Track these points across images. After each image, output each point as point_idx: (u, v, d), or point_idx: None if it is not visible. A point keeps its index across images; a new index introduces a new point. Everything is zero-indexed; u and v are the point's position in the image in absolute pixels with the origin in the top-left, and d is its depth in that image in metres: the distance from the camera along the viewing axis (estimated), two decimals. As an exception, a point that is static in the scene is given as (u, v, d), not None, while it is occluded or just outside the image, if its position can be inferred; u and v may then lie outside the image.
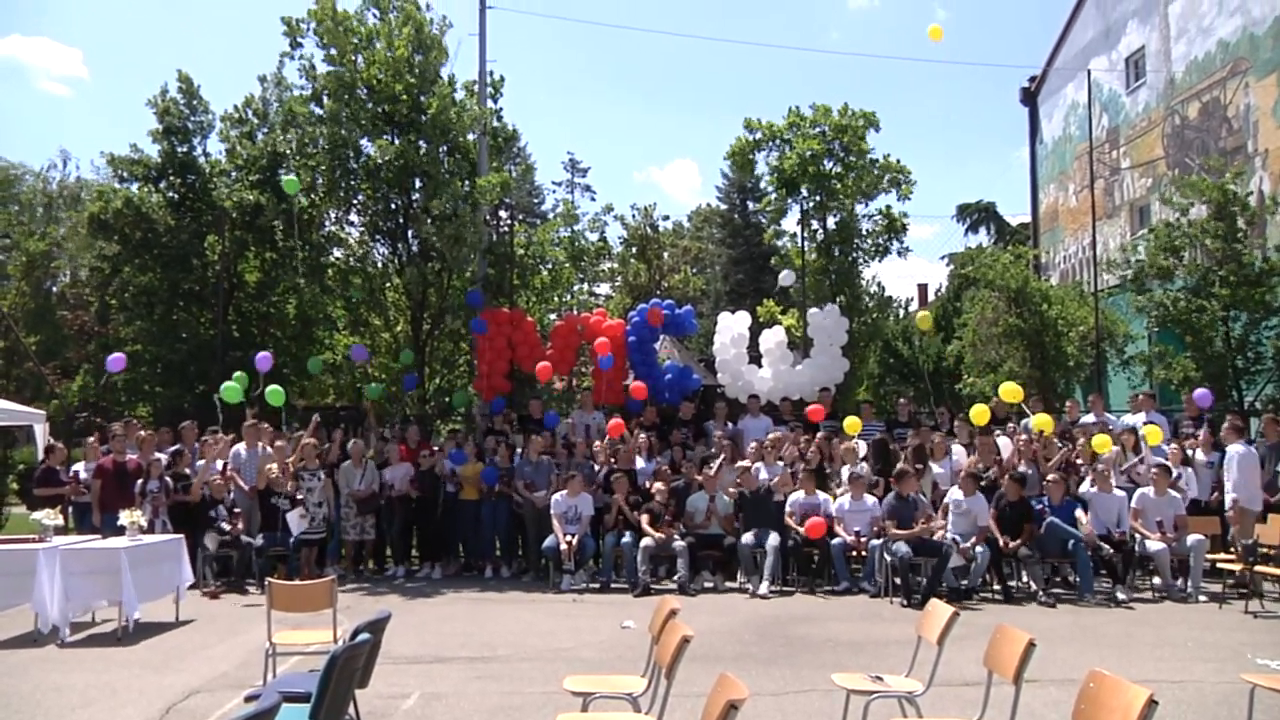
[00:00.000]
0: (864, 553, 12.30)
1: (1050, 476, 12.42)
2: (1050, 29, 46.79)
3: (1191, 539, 11.79)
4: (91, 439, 14.24)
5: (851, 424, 14.45)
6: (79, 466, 13.48)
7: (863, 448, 13.93)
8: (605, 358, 15.76)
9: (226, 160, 18.84)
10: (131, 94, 73.57)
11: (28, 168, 41.58)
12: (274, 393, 14.81)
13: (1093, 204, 22.48)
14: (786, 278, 18.37)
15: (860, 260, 19.22)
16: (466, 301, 17.11)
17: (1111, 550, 11.75)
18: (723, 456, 13.70)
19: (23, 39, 70.13)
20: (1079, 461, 13.18)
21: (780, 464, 13.52)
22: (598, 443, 14.47)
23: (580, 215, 19.69)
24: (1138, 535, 12.01)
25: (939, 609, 5.91)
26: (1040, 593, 11.55)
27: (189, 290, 18.50)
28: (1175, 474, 12.71)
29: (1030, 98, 28.95)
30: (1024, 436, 13.75)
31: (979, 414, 14.32)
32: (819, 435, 14.47)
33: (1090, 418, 14.65)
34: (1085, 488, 12.61)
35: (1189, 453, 13.32)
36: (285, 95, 18.50)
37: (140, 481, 12.69)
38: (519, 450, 14.32)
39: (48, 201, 40.19)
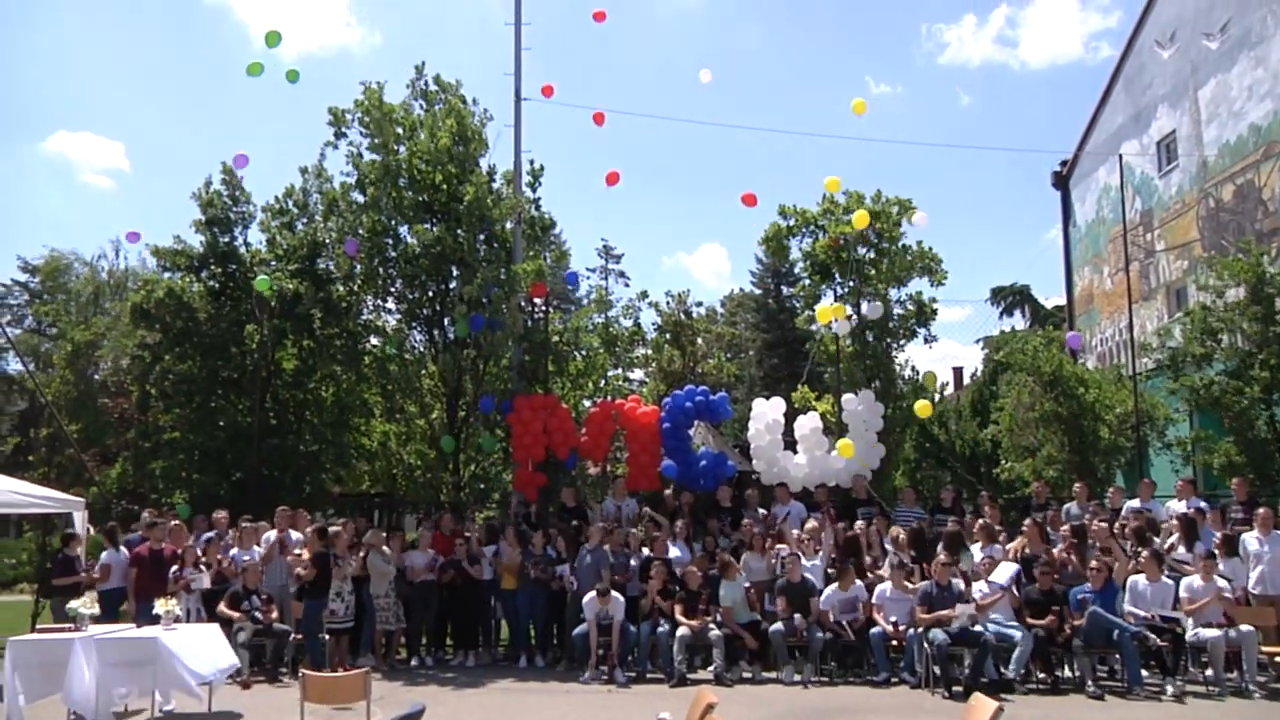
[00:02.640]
0: (903, 642, 12.07)
1: (1092, 564, 12.15)
2: (1078, 112, 47.24)
3: (1242, 629, 11.45)
4: (106, 527, 14.35)
5: (923, 407, 17.01)
6: (105, 554, 13.58)
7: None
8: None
9: (267, 250, 19.18)
10: (168, 183, 75.78)
11: (79, 255, 42.61)
12: (261, 281, 16.81)
13: (1128, 287, 22.42)
14: None
15: (893, 346, 19.21)
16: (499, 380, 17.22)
17: (1160, 640, 11.43)
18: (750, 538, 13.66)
19: (69, 135, 72.88)
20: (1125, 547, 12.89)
21: (819, 557, 13.38)
22: (633, 531, 14.38)
23: (614, 301, 19.88)
24: (1188, 625, 11.68)
25: (982, 703, 5.77)
26: (1089, 683, 11.23)
27: (227, 378, 18.72)
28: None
29: (1062, 181, 29.08)
30: (1067, 526, 13.48)
31: None
32: (859, 523, 14.31)
33: (1135, 503, 14.38)
34: (1132, 578, 12.26)
35: (1241, 540, 12.95)
36: (325, 186, 18.90)
37: (175, 569, 12.73)
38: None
39: (95, 291, 41.04)
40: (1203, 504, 13.97)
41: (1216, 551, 12.45)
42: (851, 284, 18.87)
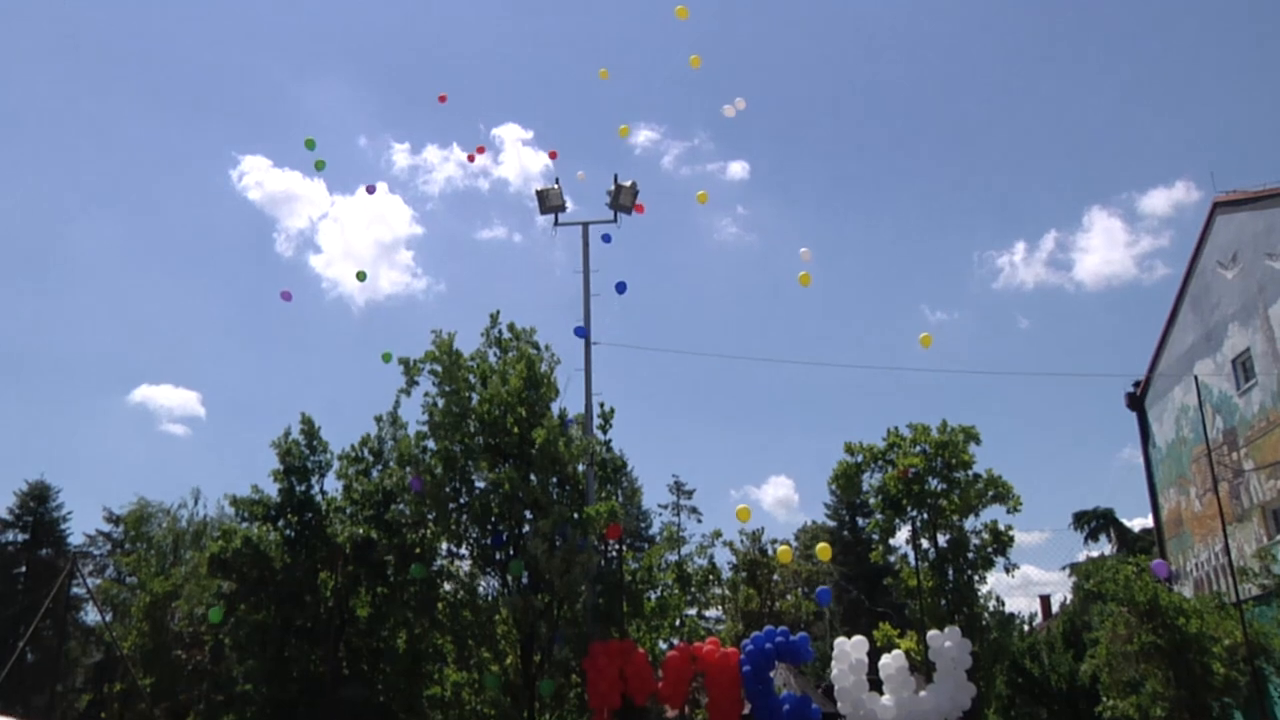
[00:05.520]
0: None
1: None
2: (1140, 330, 47.24)
3: None
4: None
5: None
6: None
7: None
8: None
9: (342, 497, 19.43)
10: (240, 428, 77.92)
11: (160, 505, 43.45)
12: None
13: (1220, 510, 21.60)
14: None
15: (976, 578, 18.69)
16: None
17: None
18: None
19: (150, 387, 76.41)
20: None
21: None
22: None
23: (687, 537, 19.71)
24: None
25: None
26: None
27: (301, 626, 18.62)
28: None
29: (1136, 403, 28.69)
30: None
31: None
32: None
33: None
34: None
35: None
36: (400, 434, 19.32)
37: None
38: None
39: (175, 540, 41.60)
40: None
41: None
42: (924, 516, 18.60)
